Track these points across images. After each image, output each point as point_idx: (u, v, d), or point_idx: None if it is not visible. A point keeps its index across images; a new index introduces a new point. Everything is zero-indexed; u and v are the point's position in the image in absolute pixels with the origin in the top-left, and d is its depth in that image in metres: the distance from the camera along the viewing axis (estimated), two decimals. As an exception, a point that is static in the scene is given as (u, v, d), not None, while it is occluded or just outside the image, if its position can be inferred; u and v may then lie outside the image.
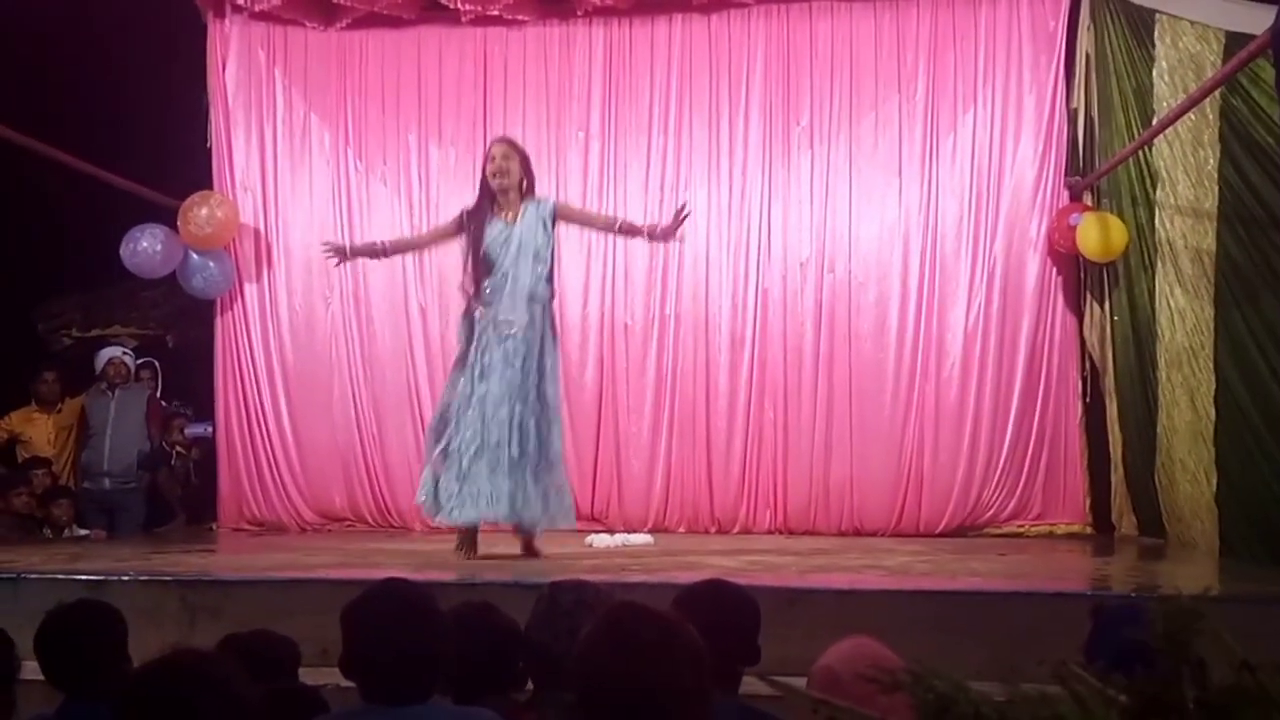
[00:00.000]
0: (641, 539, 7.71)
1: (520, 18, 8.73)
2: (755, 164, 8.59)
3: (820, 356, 8.47)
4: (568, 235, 8.64)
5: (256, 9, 8.75)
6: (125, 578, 5.56)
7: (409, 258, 8.62)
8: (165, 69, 8.81)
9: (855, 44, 8.59)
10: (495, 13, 8.64)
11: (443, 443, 6.38)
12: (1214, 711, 0.83)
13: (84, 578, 5.55)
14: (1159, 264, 7.51)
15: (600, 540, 7.47)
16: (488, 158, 6.54)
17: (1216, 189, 6.89)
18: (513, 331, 6.29)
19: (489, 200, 6.47)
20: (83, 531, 8.22)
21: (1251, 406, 6.58)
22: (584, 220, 7.34)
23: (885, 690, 0.95)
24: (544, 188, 8.63)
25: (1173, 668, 0.87)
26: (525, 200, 6.49)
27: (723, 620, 2.77)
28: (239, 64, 8.95)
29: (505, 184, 6.43)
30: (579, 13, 8.71)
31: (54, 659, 3.11)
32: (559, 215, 6.61)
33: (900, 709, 0.97)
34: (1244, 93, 6.54)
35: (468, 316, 6.47)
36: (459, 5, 8.58)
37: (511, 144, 6.65)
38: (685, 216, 6.52)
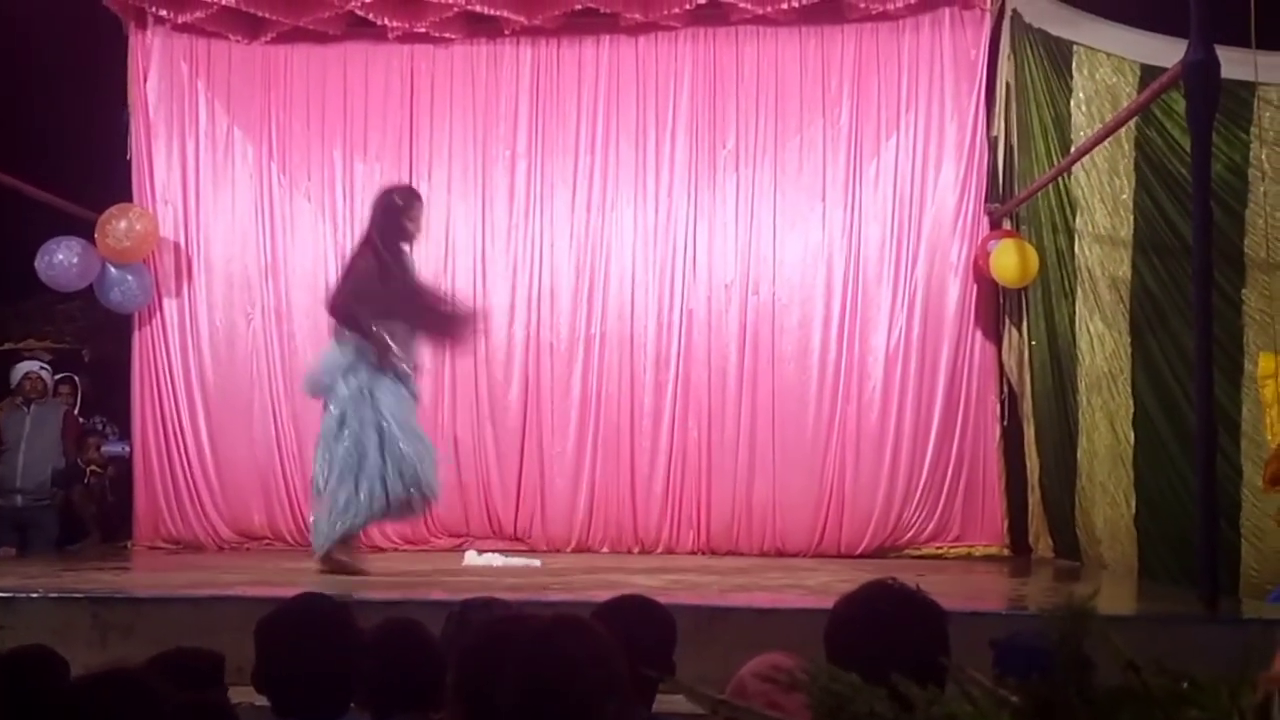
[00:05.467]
0: (521, 561, 7.53)
1: (447, 36, 8.71)
2: (681, 186, 8.63)
3: (744, 378, 8.52)
4: (493, 254, 8.69)
5: (179, 21, 8.64)
6: (34, 595, 5.47)
7: (331, 274, 8.56)
8: (85, 79, 8.69)
9: (781, 69, 8.66)
10: (422, 30, 8.61)
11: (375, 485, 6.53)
12: (1100, 711, 0.86)
13: (-9, 594, 5.44)
14: (1078, 290, 7.64)
15: (478, 558, 7.39)
16: (417, 213, 6.80)
17: (1132, 218, 7.04)
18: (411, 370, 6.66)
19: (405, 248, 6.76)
20: (-9, 549, 8.05)
21: (1168, 431, 6.71)
22: None
23: (784, 689, 0.96)
24: (470, 207, 8.70)
25: (1064, 670, 0.89)
26: None
27: (638, 635, 2.78)
28: (161, 76, 8.84)
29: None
30: (506, 32, 8.71)
31: None
32: None
33: (804, 713, 0.98)
34: (1158, 124, 6.70)
35: (390, 358, 6.53)
36: (386, 22, 8.55)
37: None
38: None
